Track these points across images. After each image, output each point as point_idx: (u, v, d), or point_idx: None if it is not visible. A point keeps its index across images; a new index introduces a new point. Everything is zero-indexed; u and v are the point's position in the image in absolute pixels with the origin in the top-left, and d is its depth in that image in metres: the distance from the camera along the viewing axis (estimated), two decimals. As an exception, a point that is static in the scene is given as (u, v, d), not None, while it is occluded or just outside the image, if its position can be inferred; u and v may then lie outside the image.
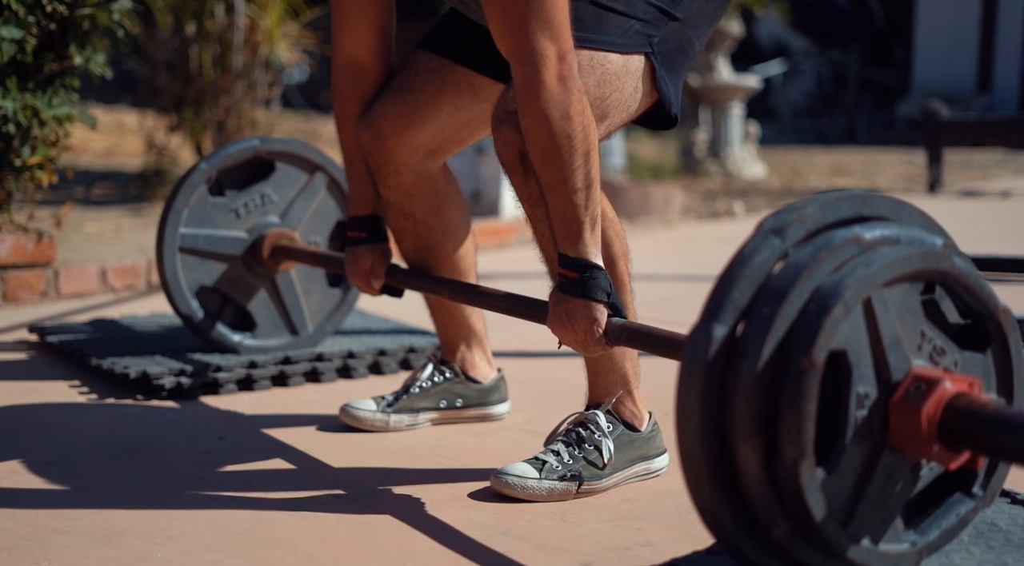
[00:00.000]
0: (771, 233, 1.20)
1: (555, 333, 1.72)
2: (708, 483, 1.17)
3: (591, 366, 1.89)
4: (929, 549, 1.28)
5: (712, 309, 1.18)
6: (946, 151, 8.43)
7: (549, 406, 2.28)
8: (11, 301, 3.09)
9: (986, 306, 1.28)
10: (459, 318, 2.16)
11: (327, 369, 2.47)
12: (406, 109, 1.97)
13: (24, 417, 2.16)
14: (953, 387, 1.18)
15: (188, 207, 2.42)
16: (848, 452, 1.19)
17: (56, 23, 3.01)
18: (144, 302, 3.25)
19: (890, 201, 1.28)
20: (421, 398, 2.13)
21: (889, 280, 1.20)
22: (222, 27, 5.08)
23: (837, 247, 1.19)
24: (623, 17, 1.75)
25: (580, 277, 1.67)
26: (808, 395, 1.13)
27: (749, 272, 1.18)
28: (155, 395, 2.28)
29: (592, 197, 1.66)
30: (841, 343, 1.17)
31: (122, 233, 4.08)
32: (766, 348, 1.15)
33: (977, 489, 1.31)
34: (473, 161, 4.94)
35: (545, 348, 2.79)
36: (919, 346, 1.24)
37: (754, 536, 1.20)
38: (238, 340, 2.47)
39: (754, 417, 1.15)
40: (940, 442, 1.17)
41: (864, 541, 1.21)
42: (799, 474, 1.14)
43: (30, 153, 3.01)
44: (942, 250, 1.24)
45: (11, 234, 3.09)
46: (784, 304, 1.16)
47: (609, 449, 1.82)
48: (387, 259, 2.07)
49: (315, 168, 2.54)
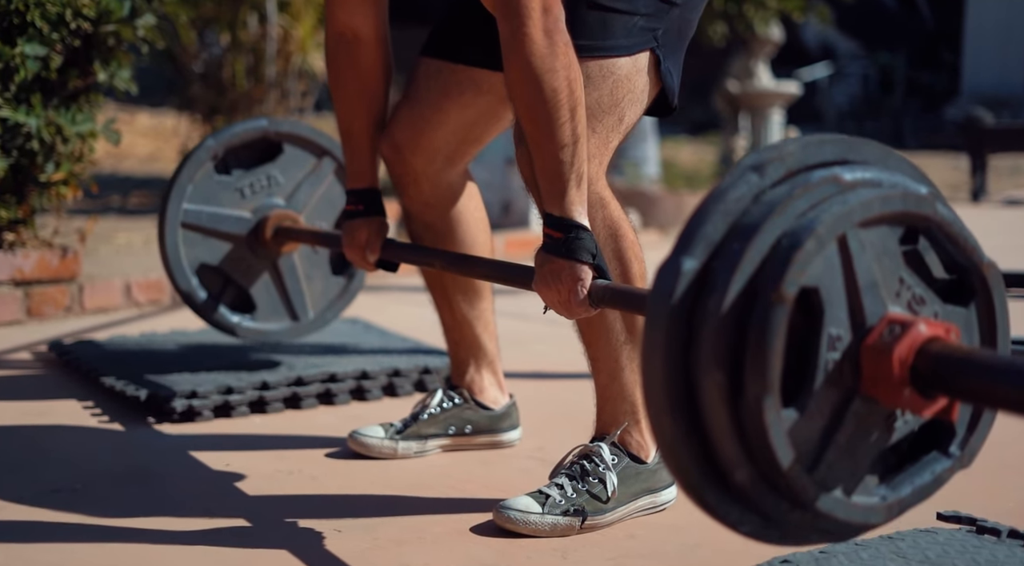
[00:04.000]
0: (749, 169, 1.15)
1: (540, 294, 1.70)
2: (669, 419, 1.11)
3: (601, 392, 1.87)
4: (900, 506, 1.21)
5: (683, 243, 1.13)
6: (994, 157, 8.29)
7: (561, 432, 2.26)
8: (36, 316, 3.11)
9: (970, 258, 1.22)
10: (470, 337, 2.15)
11: (340, 391, 2.46)
12: (416, 117, 1.99)
13: (34, 440, 2.16)
14: (928, 331, 1.12)
15: (192, 183, 2.41)
16: (817, 395, 1.13)
17: (81, 40, 3.02)
18: (167, 318, 3.26)
19: (877, 147, 1.23)
20: (430, 425, 2.11)
21: (866, 220, 1.14)
22: (255, 37, 5.11)
23: (814, 185, 1.14)
24: (626, 15, 1.74)
25: (565, 237, 1.64)
26: (775, 330, 1.08)
27: (724, 207, 1.13)
28: (167, 418, 2.28)
29: (578, 154, 1.64)
30: (813, 280, 1.11)
31: (151, 245, 4.11)
32: (734, 284, 1.10)
33: (955, 448, 1.24)
34: (504, 172, 4.92)
35: (560, 369, 2.77)
36: (897, 293, 1.18)
37: (715, 480, 1.14)
38: (236, 321, 2.46)
39: (719, 352, 1.09)
40: (912, 387, 1.12)
41: (830, 490, 1.15)
42: (763, 411, 1.08)
43: (54, 169, 3.03)
44: (925, 195, 1.19)
45: (36, 250, 3.11)
46: (754, 239, 1.10)
47: (613, 483, 1.79)
48: (383, 233, 2.05)
49: (323, 153, 2.53)
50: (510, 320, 2.28)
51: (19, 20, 2.85)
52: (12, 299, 3.06)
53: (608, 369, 1.85)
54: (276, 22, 5.11)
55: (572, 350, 1.88)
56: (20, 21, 2.86)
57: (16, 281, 3.06)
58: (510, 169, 4.92)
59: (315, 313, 2.55)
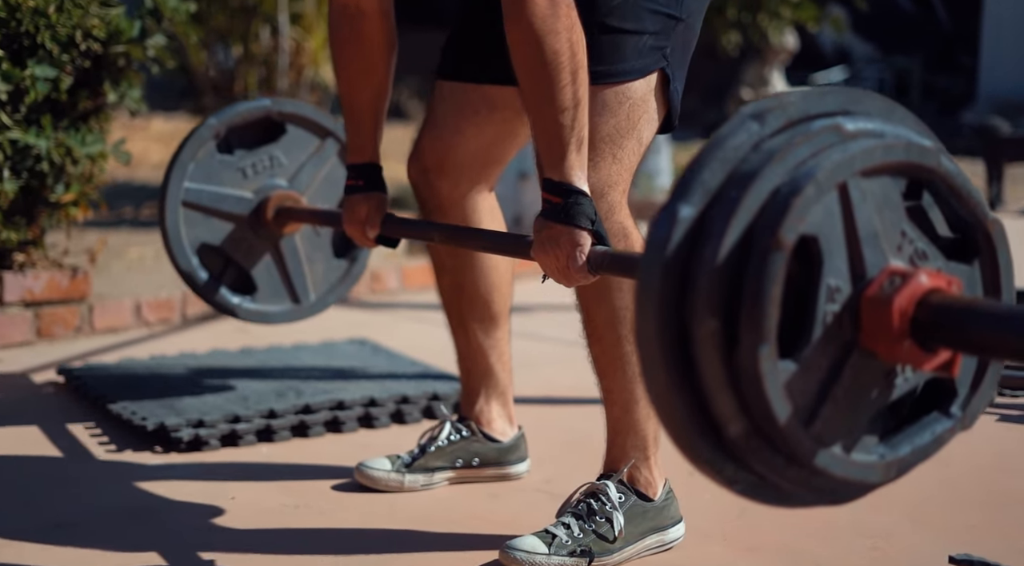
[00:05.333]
0: (749, 118, 1.12)
1: (538, 261, 1.68)
2: (662, 372, 1.08)
3: (613, 424, 1.85)
4: (899, 465, 1.17)
5: (680, 190, 1.10)
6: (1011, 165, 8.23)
7: (570, 463, 2.24)
8: (45, 337, 3.11)
9: (975, 214, 1.19)
10: (483, 366, 2.13)
11: (348, 418, 2.44)
12: (437, 141, 2.00)
13: (40, 471, 2.16)
14: (929, 282, 1.10)
15: (194, 161, 2.38)
16: (815, 348, 1.10)
17: (91, 60, 3.02)
18: (176, 338, 3.25)
19: (881, 100, 1.19)
20: (437, 457, 2.10)
21: (868, 168, 1.11)
22: (267, 50, 5.10)
23: (815, 133, 1.11)
24: (635, 36, 1.73)
25: (564, 202, 1.63)
26: (772, 277, 1.05)
27: (722, 154, 1.10)
28: (174, 448, 2.27)
29: (579, 119, 1.63)
30: (812, 228, 1.08)
31: (162, 260, 4.10)
32: (731, 231, 1.07)
33: (956, 409, 1.20)
34: (515, 186, 4.91)
35: (570, 393, 2.75)
36: (899, 246, 1.15)
37: (709, 435, 1.10)
38: (237, 302, 2.44)
39: (714, 301, 1.06)
40: (912, 339, 1.09)
41: (827, 446, 1.12)
42: (758, 361, 1.05)
43: (64, 190, 3.03)
44: (929, 147, 1.16)
45: (46, 270, 3.11)
46: (752, 186, 1.08)
47: (619, 522, 1.77)
48: (383, 209, 2.04)
49: (326, 134, 2.50)
50: (521, 340, 2.26)
51: (29, 42, 2.85)
52: (22, 320, 3.06)
53: (622, 401, 1.83)
54: (288, 35, 5.11)
55: (583, 373, 1.87)
56: (30, 43, 2.85)
57: (26, 302, 3.06)
58: (522, 183, 4.90)
59: (316, 296, 2.52)
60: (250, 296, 2.46)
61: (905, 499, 2.05)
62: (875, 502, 2.01)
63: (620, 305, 1.80)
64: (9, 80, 2.78)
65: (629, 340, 1.81)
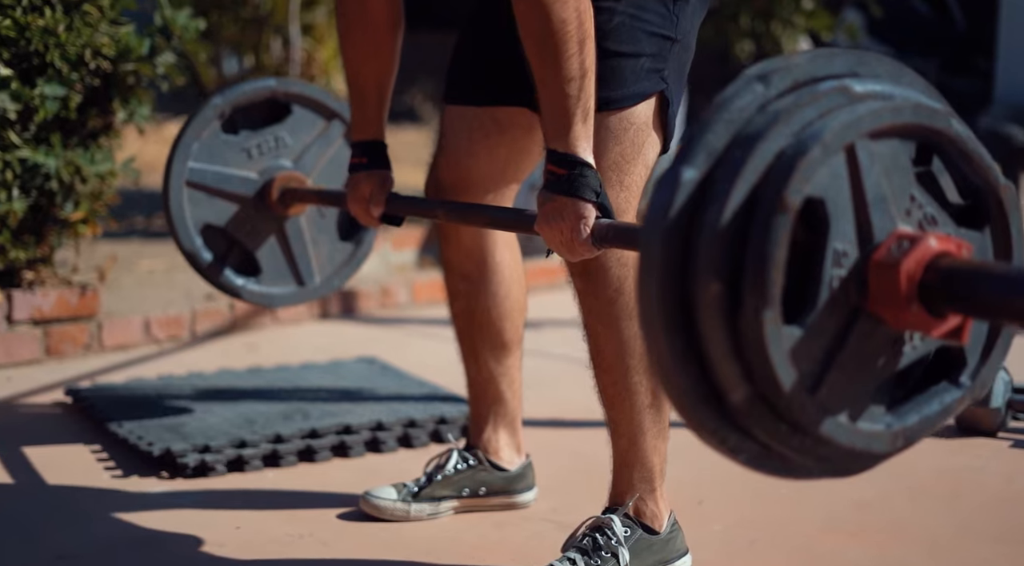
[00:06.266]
0: (755, 79, 1.10)
1: (541, 234, 1.67)
2: (664, 338, 1.05)
3: (619, 457, 1.84)
4: (906, 435, 1.15)
5: (683, 152, 1.08)
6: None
7: (578, 490, 2.22)
8: (54, 355, 3.10)
9: (986, 178, 1.15)
10: (493, 394, 2.12)
11: (355, 443, 2.43)
12: (453, 165, 2.00)
13: (44, 498, 2.15)
14: (938, 245, 1.07)
15: (199, 140, 2.36)
16: (820, 314, 1.07)
17: (100, 79, 3.02)
18: (185, 355, 3.25)
19: (890, 63, 1.17)
20: (443, 487, 2.08)
21: (876, 130, 1.09)
22: (279, 61, 5.09)
23: (822, 95, 1.09)
24: (633, 59, 1.73)
25: (568, 174, 1.61)
26: (777, 239, 1.03)
27: (727, 116, 1.08)
28: (180, 473, 2.26)
29: (585, 89, 1.62)
30: (819, 191, 1.06)
31: (173, 274, 4.10)
32: (735, 193, 1.04)
33: (965, 379, 1.18)
34: (527, 198, 4.88)
35: (579, 416, 2.73)
36: (908, 211, 1.12)
37: (712, 403, 1.08)
38: (241, 284, 2.41)
39: (718, 264, 1.04)
40: (920, 303, 1.06)
41: (832, 413, 1.09)
42: (763, 325, 1.03)
43: (73, 208, 3.02)
44: (939, 109, 1.13)
45: (55, 288, 3.11)
46: (757, 147, 1.05)
47: (625, 558, 1.76)
48: (387, 187, 2.02)
49: (332, 115, 2.48)
50: (530, 358, 2.24)
51: (38, 61, 2.85)
52: (31, 338, 3.05)
53: (629, 433, 1.82)
54: (300, 46, 5.10)
55: (593, 393, 1.85)
56: (39, 62, 2.85)
57: (35, 320, 3.06)
58: (532, 195, 4.88)
59: (321, 279, 2.49)
60: (254, 278, 2.43)
61: (920, 532, 2.03)
62: (891, 534, 2.00)
63: (629, 335, 1.79)
64: (19, 99, 2.78)
65: (638, 370, 1.80)
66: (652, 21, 1.74)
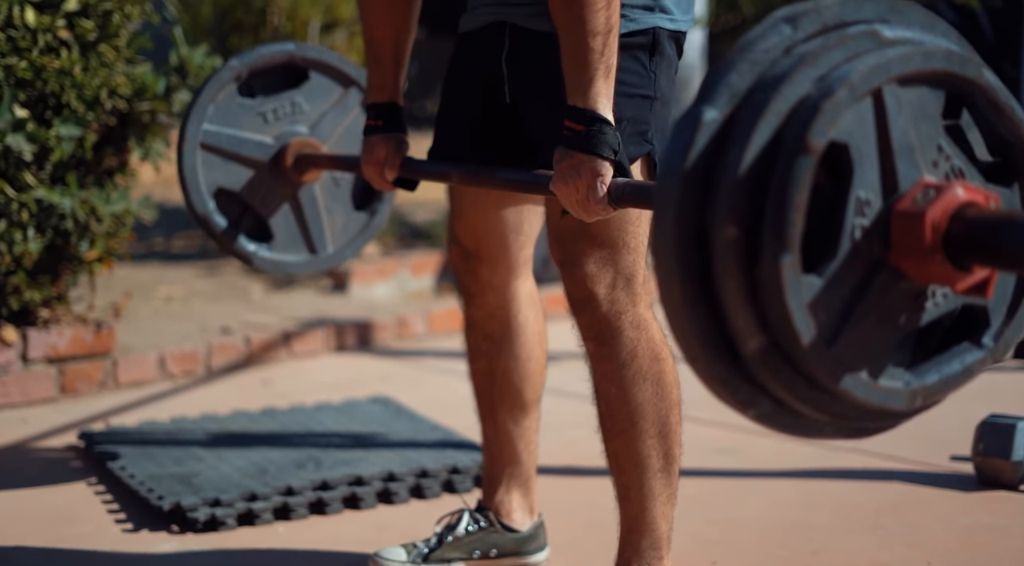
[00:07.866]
0: (782, 21, 1.06)
1: (557, 192, 1.63)
2: (677, 280, 1.02)
3: (628, 523, 1.82)
4: (925, 393, 1.10)
5: (704, 92, 1.04)
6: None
7: (590, 548, 2.19)
8: (69, 393, 3.10)
9: (1017, 133, 1.12)
10: (508, 453, 2.10)
11: (366, 494, 2.41)
12: (469, 229, 1.99)
13: (53, 556, 2.14)
14: (966, 195, 1.03)
15: (214, 102, 2.32)
16: (841, 263, 1.04)
17: (116, 118, 3.02)
18: (200, 392, 3.24)
19: (924, 13, 1.13)
20: (454, 549, 2.06)
21: (905, 75, 1.05)
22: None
23: (850, 38, 1.06)
24: (616, 123, 1.67)
25: (587, 130, 1.59)
26: (799, 182, 0.99)
27: (752, 57, 1.04)
28: (190, 528, 2.24)
29: (610, 45, 1.60)
30: (843, 135, 1.02)
31: (190, 303, 4.10)
32: (757, 135, 1.01)
33: (988, 340, 1.14)
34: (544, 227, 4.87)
35: (594, 463, 2.69)
36: (935, 161, 1.08)
37: (725, 353, 1.05)
38: (253, 250, 2.37)
39: (736, 208, 1.01)
40: (945, 255, 1.02)
41: (850, 367, 1.05)
42: (781, 272, 0.99)
43: (88, 247, 3.02)
44: (971, 57, 1.10)
45: (70, 326, 3.11)
46: (781, 89, 1.02)
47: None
48: (403, 150, 1.98)
49: (350, 83, 2.44)
50: (546, 397, 2.20)
51: (54, 102, 2.85)
52: (46, 377, 3.06)
53: (639, 499, 1.80)
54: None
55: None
56: (55, 102, 2.85)
57: (50, 358, 3.06)
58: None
59: (334, 248, 2.45)
60: (267, 244, 2.40)
61: None
62: None
63: (643, 399, 1.77)
64: (35, 141, 2.78)
65: (651, 434, 1.79)
66: (630, 82, 1.70)
